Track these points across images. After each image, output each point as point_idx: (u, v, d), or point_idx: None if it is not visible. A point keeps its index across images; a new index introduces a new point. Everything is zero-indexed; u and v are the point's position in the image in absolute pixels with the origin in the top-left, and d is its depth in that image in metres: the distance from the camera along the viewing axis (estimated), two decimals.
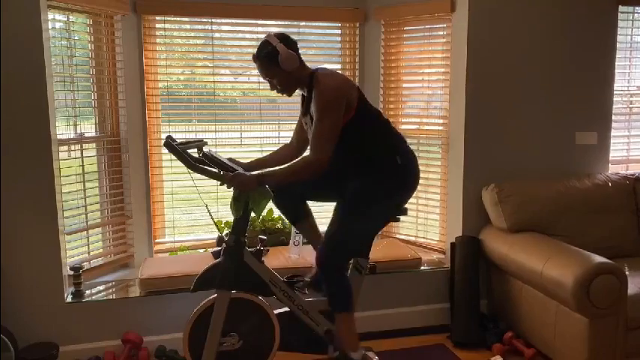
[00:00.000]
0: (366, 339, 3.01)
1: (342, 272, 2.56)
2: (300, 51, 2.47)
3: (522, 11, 3.33)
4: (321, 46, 3.81)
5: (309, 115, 2.47)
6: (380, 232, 3.14)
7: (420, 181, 3.55)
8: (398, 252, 3.45)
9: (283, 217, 2.93)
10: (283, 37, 2.42)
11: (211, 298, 2.51)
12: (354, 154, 2.53)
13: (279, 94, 2.54)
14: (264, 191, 2.43)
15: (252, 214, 2.48)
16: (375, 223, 2.66)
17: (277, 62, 2.36)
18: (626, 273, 2.67)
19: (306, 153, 2.57)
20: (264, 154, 2.91)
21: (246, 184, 2.36)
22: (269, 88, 2.52)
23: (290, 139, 2.78)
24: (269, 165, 2.63)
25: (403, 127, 3.70)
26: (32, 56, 2.75)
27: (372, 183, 2.53)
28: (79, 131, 3.23)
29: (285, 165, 2.48)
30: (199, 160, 2.47)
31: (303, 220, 2.79)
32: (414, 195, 3.59)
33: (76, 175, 3.18)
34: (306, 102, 2.51)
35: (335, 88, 2.39)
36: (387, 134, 2.58)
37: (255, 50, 2.44)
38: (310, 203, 2.81)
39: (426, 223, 3.72)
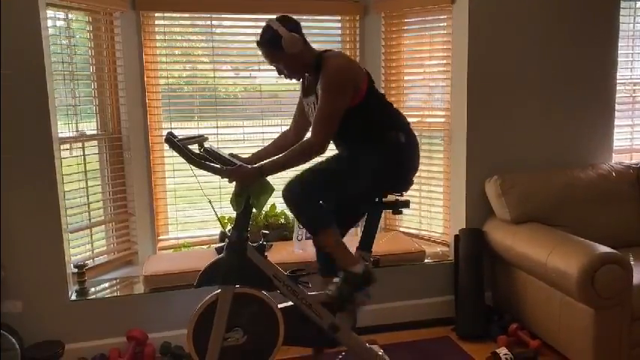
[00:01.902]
0: (371, 332, 3.01)
1: (310, 199, 2.41)
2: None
3: (523, 1, 3.30)
4: (322, 39, 3.79)
5: (314, 95, 2.42)
6: (381, 220, 2.91)
7: (423, 174, 3.60)
8: (402, 245, 3.44)
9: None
10: (285, 20, 2.38)
11: (215, 293, 2.51)
12: (361, 136, 2.46)
13: (281, 90, 2.51)
14: (266, 185, 2.42)
15: (254, 210, 2.48)
16: (352, 186, 2.47)
17: (281, 46, 2.32)
18: (631, 262, 2.66)
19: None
20: None
21: (247, 176, 2.35)
22: (269, 82, 2.50)
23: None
24: (269, 156, 2.59)
25: None
26: (32, 55, 2.75)
27: (371, 152, 2.43)
28: (80, 129, 3.22)
29: (284, 152, 2.45)
30: (200, 156, 2.46)
31: None
32: (417, 187, 3.64)
33: (78, 173, 3.18)
34: (310, 83, 2.46)
35: (343, 70, 2.36)
36: (394, 116, 2.53)
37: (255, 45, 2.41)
38: None
39: (429, 216, 3.71)
